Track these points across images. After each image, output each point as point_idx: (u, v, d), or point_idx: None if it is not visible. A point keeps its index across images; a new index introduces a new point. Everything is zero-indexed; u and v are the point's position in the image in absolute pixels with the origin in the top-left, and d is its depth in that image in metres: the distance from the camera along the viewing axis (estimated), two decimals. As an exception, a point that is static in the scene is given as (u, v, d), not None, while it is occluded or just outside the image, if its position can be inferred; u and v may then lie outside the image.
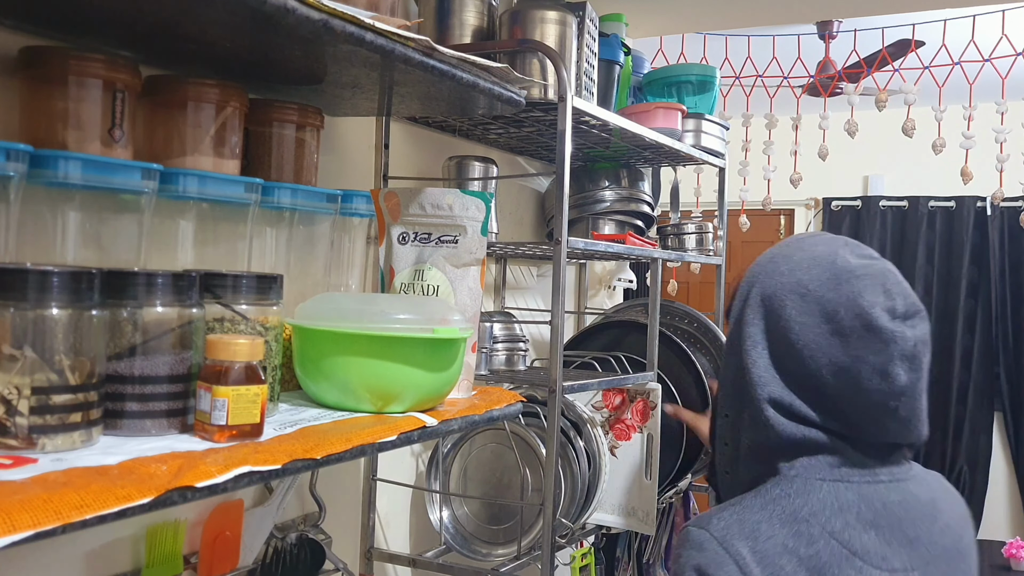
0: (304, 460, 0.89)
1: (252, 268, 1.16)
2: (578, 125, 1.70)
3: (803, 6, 2.42)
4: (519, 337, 1.81)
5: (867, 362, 0.95)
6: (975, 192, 4.97)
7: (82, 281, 0.81)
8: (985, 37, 3.33)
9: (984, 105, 3.57)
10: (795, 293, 0.99)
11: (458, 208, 1.26)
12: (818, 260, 1.01)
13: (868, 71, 3.61)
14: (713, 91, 2.19)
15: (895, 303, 0.98)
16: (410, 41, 1.05)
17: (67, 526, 0.66)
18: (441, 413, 1.14)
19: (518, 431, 1.72)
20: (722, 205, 2.35)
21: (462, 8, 1.58)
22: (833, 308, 0.97)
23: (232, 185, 1.09)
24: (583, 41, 1.66)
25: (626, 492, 1.90)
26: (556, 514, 1.62)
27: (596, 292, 2.57)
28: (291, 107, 1.23)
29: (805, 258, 1.02)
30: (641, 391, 1.90)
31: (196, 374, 0.92)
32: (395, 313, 1.09)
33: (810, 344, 0.97)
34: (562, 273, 1.49)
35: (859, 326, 0.96)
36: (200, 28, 0.96)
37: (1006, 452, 5.22)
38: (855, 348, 0.96)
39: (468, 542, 1.79)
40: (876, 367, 0.95)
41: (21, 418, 0.77)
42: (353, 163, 1.60)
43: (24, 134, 0.96)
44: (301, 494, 1.48)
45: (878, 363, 0.95)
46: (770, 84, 3.72)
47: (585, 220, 2.08)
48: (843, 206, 5.53)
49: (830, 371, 0.96)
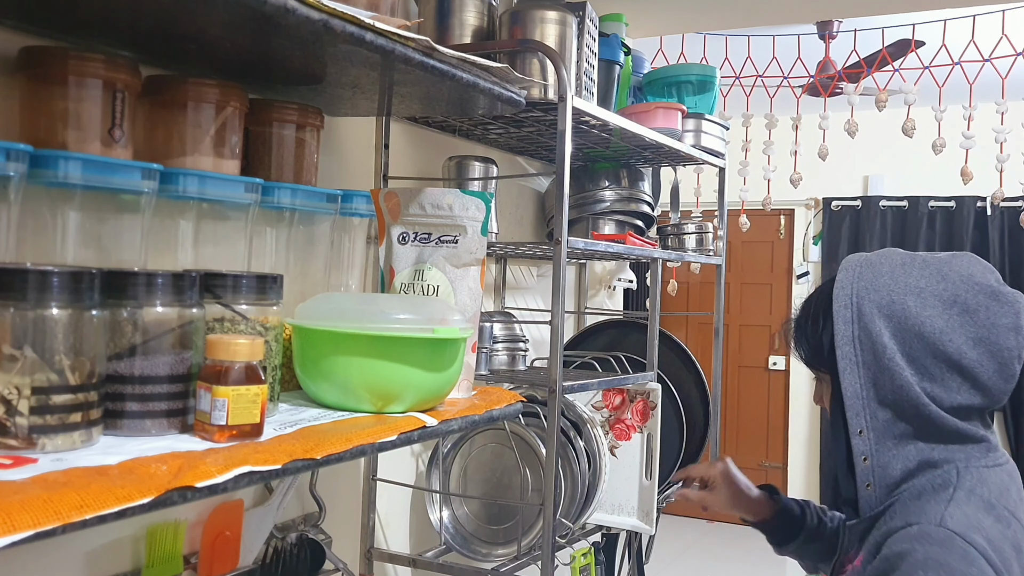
0: (304, 460, 0.89)
1: (252, 268, 1.16)
2: (578, 125, 1.70)
3: (803, 6, 2.42)
4: (519, 337, 1.81)
5: (1001, 325, 1.08)
6: (975, 192, 4.97)
7: (82, 281, 0.81)
8: (985, 37, 3.33)
9: (984, 105, 3.57)
10: (910, 294, 1.10)
11: (458, 208, 1.26)
12: (909, 264, 1.14)
13: (868, 71, 3.61)
14: (713, 91, 2.19)
15: (995, 274, 1.13)
16: (410, 41, 1.05)
17: (67, 526, 0.66)
18: (441, 413, 1.14)
19: (518, 431, 1.72)
20: (722, 205, 2.35)
21: (462, 8, 1.58)
22: (952, 294, 1.09)
23: (232, 185, 1.09)
24: (583, 41, 1.66)
25: (626, 492, 1.90)
26: (556, 514, 1.62)
27: (596, 292, 2.57)
28: (291, 107, 1.23)
29: (896, 266, 1.14)
30: (641, 391, 1.90)
31: (196, 374, 0.92)
32: (395, 313, 1.09)
33: (944, 330, 1.08)
34: (562, 273, 1.49)
35: (984, 299, 1.09)
36: (200, 28, 0.96)
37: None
38: (987, 318, 1.09)
39: (468, 542, 1.79)
40: (1010, 326, 1.09)
41: (21, 418, 0.77)
42: (353, 163, 1.60)
43: (24, 134, 0.96)
44: (301, 494, 1.48)
45: (1009, 323, 1.09)
46: (770, 84, 3.72)
47: (585, 220, 2.08)
48: (843, 206, 5.54)
49: (968, 345, 1.08)
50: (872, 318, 1.11)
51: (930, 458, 1.09)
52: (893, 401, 1.09)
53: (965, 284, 1.10)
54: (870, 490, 1.11)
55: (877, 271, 1.13)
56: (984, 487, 1.07)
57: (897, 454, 1.10)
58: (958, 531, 1.01)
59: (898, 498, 1.09)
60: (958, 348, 1.08)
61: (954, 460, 1.09)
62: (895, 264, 1.14)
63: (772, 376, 6.07)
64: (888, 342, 1.09)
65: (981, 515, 1.03)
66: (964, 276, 1.11)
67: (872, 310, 1.11)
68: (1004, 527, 1.03)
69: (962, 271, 1.11)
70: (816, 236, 5.70)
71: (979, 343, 1.08)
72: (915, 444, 1.10)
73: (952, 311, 1.09)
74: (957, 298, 1.09)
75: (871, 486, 1.11)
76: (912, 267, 1.13)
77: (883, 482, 1.10)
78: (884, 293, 1.11)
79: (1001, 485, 1.08)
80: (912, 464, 1.09)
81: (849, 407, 1.11)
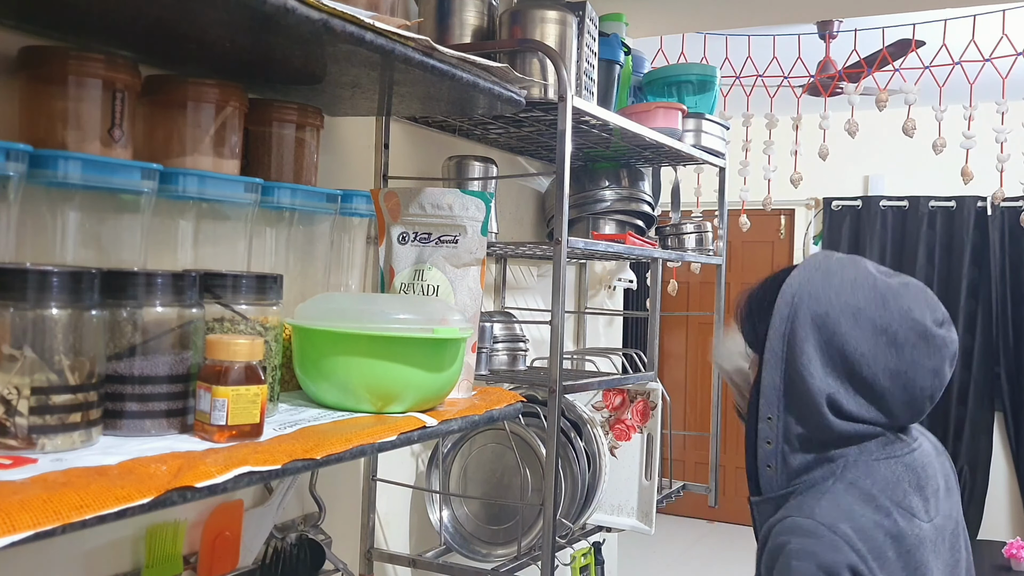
0: (304, 460, 0.89)
1: (252, 268, 1.16)
2: (578, 125, 1.70)
3: (803, 6, 2.42)
4: (519, 337, 1.80)
5: (922, 365, 1.13)
6: (975, 192, 4.97)
7: (82, 281, 0.81)
8: (985, 37, 3.33)
9: (984, 105, 3.56)
10: (846, 313, 1.14)
11: (458, 208, 1.26)
12: (859, 283, 1.16)
13: (868, 71, 3.61)
14: (713, 91, 2.19)
15: (936, 314, 1.16)
16: (410, 41, 1.05)
17: (67, 526, 0.66)
18: (441, 413, 1.14)
19: (518, 431, 1.72)
20: (722, 205, 2.35)
21: (462, 8, 1.58)
22: (885, 323, 1.13)
23: (232, 185, 1.09)
24: (583, 41, 1.66)
25: (626, 492, 1.90)
26: (556, 514, 1.61)
27: (596, 292, 2.57)
28: (291, 107, 1.23)
29: (845, 281, 1.17)
30: (641, 391, 1.90)
31: (196, 374, 0.92)
32: (395, 313, 1.09)
33: (866, 354, 1.13)
34: (562, 273, 1.49)
35: (914, 336, 1.13)
36: (200, 28, 0.96)
37: (1006, 452, 5.22)
38: (911, 355, 1.13)
39: (468, 542, 1.79)
40: (930, 368, 1.14)
41: (21, 418, 0.77)
42: (353, 163, 1.60)
43: (24, 134, 0.96)
44: (301, 494, 1.48)
45: (932, 365, 1.14)
46: (770, 84, 3.72)
47: (585, 220, 2.08)
48: (843, 206, 5.54)
49: (885, 376, 1.13)
50: (804, 324, 1.15)
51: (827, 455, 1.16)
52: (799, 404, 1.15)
53: (902, 317, 1.13)
54: (771, 471, 1.18)
55: (827, 281, 1.17)
56: (868, 479, 1.13)
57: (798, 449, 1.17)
58: (824, 522, 1.08)
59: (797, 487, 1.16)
60: (873, 373, 1.13)
61: (847, 455, 1.15)
62: (846, 278, 1.17)
63: (772, 376, 6.05)
64: (810, 350, 1.14)
65: (857, 505, 1.10)
66: (904, 309, 1.14)
67: (806, 317, 1.15)
68: (882, 516, 1.10)
69: (904, 304, 1.14)
70: (816, 236, 5.70)
71: (896, 376, 1.13)
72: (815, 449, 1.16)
73: (880, 339, 1.13)
74: (888, 328, 1.13)
75: (772, 468, 1.18)
76: (860, 287, 1.16)
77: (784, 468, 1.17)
78: (823, 305, 1.15)
79: (890, 477, 1.14)
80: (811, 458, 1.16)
81: (763, 394, 1.18)
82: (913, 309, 1.14)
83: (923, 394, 1.15)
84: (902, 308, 1.14)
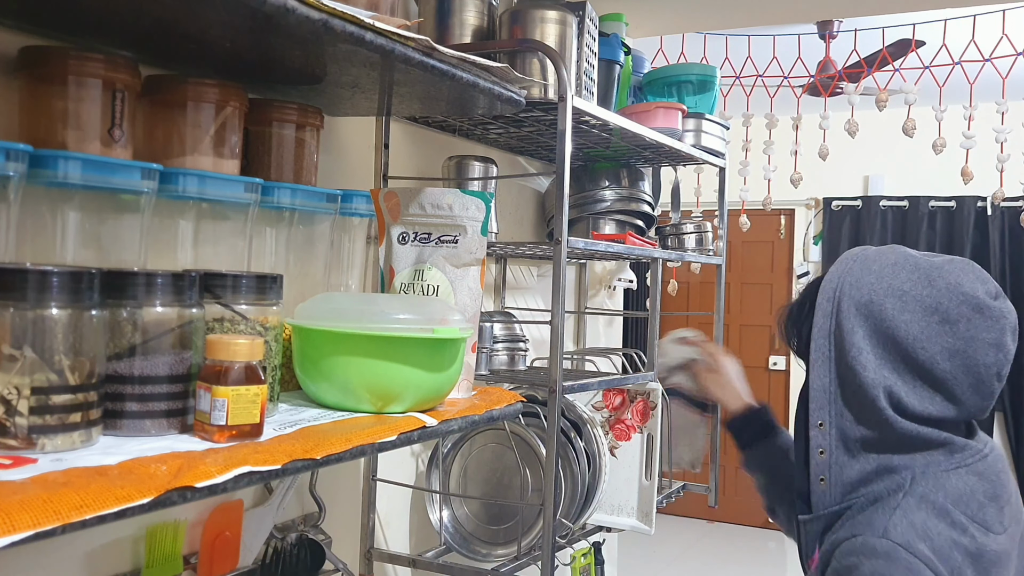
0: (304, 460, 0.89)
1: (252, 268, 1.16)
2: (578, 125, 1.70)
3: (803, 6, 2.42)
4: (519, 337, 1.80)
5: (981, 340, 1.05)
6: (975, 192, 4.97)
7: (82, 281, 0.81)
8: (985, 37, 3.33)
9: (984, 105, 3.57)
10: (891, 296, 1.08)
11: (458, 208, 1.26)
12: (900, 265, 1.11)
13: (868, 71, 3.61)
14: (713, 91, 2.19)
15: (988, 286, 1.09)
16: (410, 41, 1.05)
17: (67, 526, 0.66)
18: (441, 413, 1.14)
19: (518, 431, 1.72)
20: (722, 205, 2.35)
21: (462, 8, 1.58)
22: (935, 301, 1.07)
23: (232, 185, 1.09)
24: (583, 41, 1.66)
25: (626, 492, 1.90)
26: (556, 514, 1.62)
27: (596, 292, 2.57)
28: (291, 107, 1.23)
29: (886, 265, 1.11)
30: (641, 391, 1.89)
31: (196, 374, 0.92)
32: (395, 313, 1.09)
33: (919, 337, 1.06)
34: (562, 273, 1.49)
35: (968, 310, 1.06)
36: (200, 28, 0.96)
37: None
38: (967, 330, 1.05)
39: (468, 542, 1.79)
40: (991, 342, 1.06)
41: (21, 418, 0.77)
42: (353, 163, 1.60)
43: (24, 134, 0.96)
44: (301, 494, 1.48)
45: (992, 338, 1.06)
46: (770, 84, 3.72)
47: (585, 220, 2.08)
48: (843, 206, 5.54)
49: (943, 356, 1.05)
50: (848, 315, 1.09)
51: (889, 464, 1.08)
52: (854, 402, 1.08)
53: (951, 292, 1.07)
54: (824, 485, 1.10)
55: (866, 268, 1.12)
56: (940, 492, 1.05)
57: (857, 457, 1.09)
58: (901, 543, 1.00)
59: (855, 502, 1.08)
60: (931, 357, 1.06)
61: (912, 466, 1.07)
62: (886, 263, 1.11)
63: (772, 376, 6.07)
64: (860, 342, 1.08)
65: (932, 522, 1.02)
66: (952, 284, 1.08)
67: (850, 307, 1.10)
68: (958, 534, 1.02)
69: (951, 279, 1.08)
70: (816, 236, 5.70)
71: (955, 355, 1.05)
72: (875, 453, 1.08)
73: (932, 319, 1.06)
74: (939, 306, 1.06)
75: (825, 481, 1.10)
76: (902, 268, 1.10)
77: (839, 480, 1.09)
78: (865, 291, 1.09)
79: (963, 488, 1.06)
80: (870, 468, 1.08)
81: (813, 399, 1.12)
82: (963, 283, 1.08)
83: (988, 372, 1.06)
84: (950, 283, 1.07)
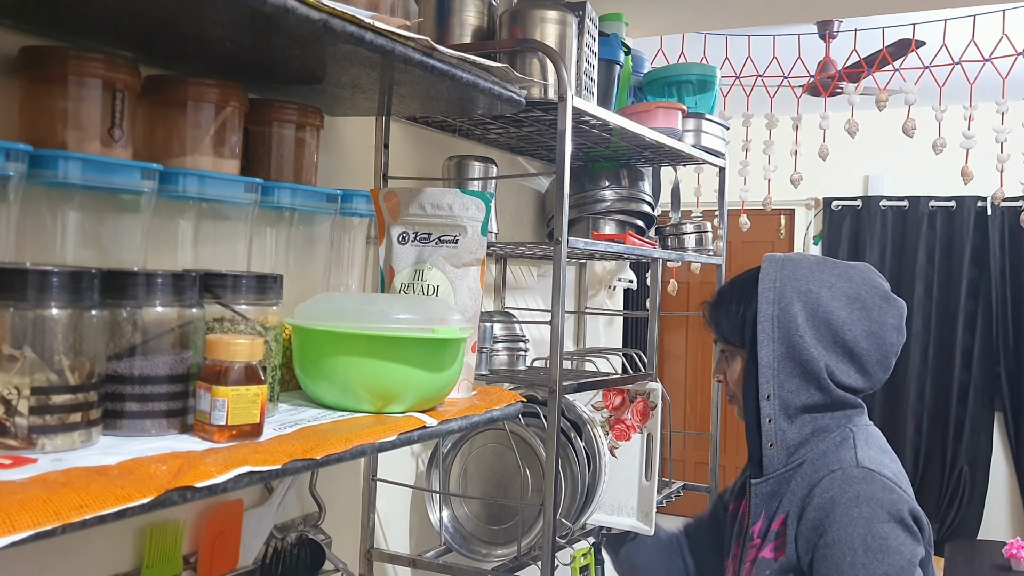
0: (304, 460, 0.89)
1: (252, 268, 1.16)
2: (578, 125, 1.70)
3: (803, 6, 2.42)
4: (519, 337, 1.80)
5: (888, 324, 1.30)
6: (975, 192, 4.97)
7: (82, 281, 0.81)
8: (985, 37, 3.33)
9: (984, 105, 3.56)
10: (824, 287, 1.31)
11: (458, 208, 1.26)
12: (822, 263, 1.35)
13: (868, 71, 3.61)
14: (713, 91, 2.19)
15: (886, 282, 1.36)
16: (410, 41, 1.05)
17: (67, 526, 0.66)
18: (441, 413, 1.14)
19: (518, 431, 1.72)
20: (722, 205, 2.35)
21: (462, 8, 1.57)
22: (855, 292, 1.31)
23: (232, 185, 1.09)
24: (583, 41, 1.66)
25: (626, 493, 1.90)
26: (556, 514, 1.61)
27: (596, 292, 2.57)
28: (291, 107, 1.23)
29: (812, 264, 1.35)
30: (641, 391, 1.89)
31: (196, 374, 0.92)
32: (395, 313, 1.09)
33: (847, 320, 1.29)
34: (562, 273, 1.49)
35: (879, 299, 1.31)
36: (200, 28, 0.96)
37: (1006, 452, 5.22)
38: (879, 315, 1.30)
39: (468, 542, 1.79)
40: (895, 326, 1.31)
41: (21, 418, 0.77)
42: (353, 163, 1.60)
43: (24, 134, 0.96)
44: (301, 494, 1.48)
45: (895, 323, 1.31)
46: (770, 84, 3.72)
47: (585, 220, 2.08)
48: (843, 206, 5.53)
49: (863, 336, 1.29)
50: (791, 301, 1.30)
51: (822, 425, 1.30)
52: (801, 372, 1.28)
53: (865, 285, 1.32)
54: (773, 450, 1.30)
55: (798, 266, 1.34)
56: (874, 438, 1.30)
57: (795, 422, 1.29)
58: (873, 467, 1.22)
59: (804, 459, 1.28)
60: (854, 337, 1.29)
61: (842, 424, 1.30)
62: (811, 262, 1.34)
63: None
64: (802, 323, 1.29)
65: (880, 456, 1.26)
66: (865, 279, 1.33)
67: (792, 295, 1.30)
68: (897, 465, 1.27)
69: (864, 275, 1.33)
70: (816, 236, 5.70)
71: (870, 336, 1.29)
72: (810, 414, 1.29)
73: (854, 306, 1.30)
74: (859, 295, 1.30)
75: (774, 446, 1.30)
76: (824, 266, 1.34)
77: (783, 443, 1.29)
78: (803, 283, 1.31)
79: (880, 436, 1.32)
80: (807, 430, 1.30)
81: (762, 375, 1.30)
82: (872, 278, 1.34)
83: (892, 351, 1.31)
84: (864, 278, 1.33)
